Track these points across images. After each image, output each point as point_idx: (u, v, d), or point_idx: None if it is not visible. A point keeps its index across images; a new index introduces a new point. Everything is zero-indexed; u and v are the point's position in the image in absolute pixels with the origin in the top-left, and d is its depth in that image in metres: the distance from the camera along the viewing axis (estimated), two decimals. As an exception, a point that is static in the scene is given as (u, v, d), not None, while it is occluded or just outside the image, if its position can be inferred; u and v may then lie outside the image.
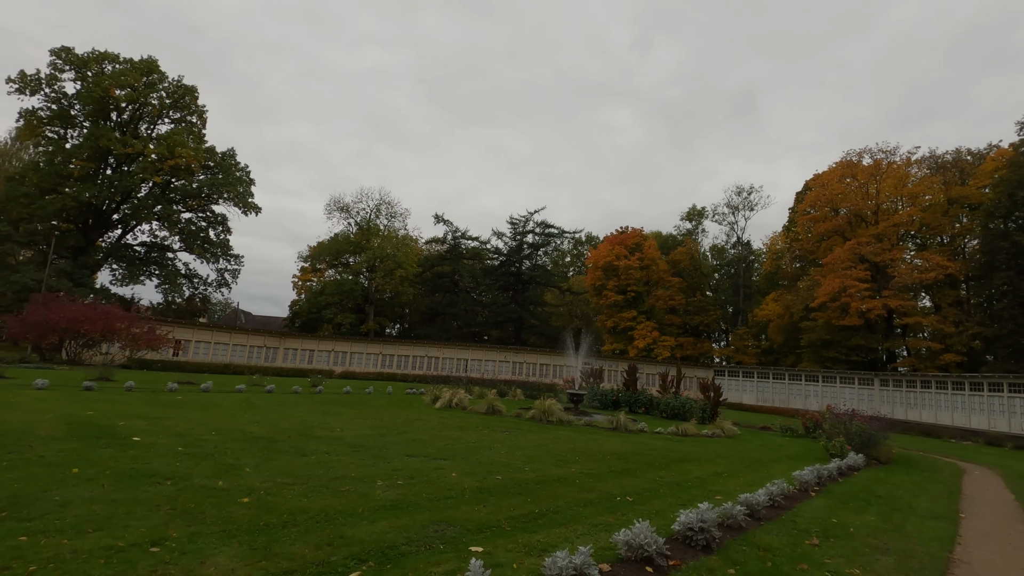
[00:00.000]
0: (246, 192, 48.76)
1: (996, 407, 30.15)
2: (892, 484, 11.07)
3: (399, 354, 47.92)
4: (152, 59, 44.92)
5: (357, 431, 10.93)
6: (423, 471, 7.50)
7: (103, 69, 43.83)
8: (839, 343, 44.18)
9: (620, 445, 12.74)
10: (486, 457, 9.18)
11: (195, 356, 39.95)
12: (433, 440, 10.60)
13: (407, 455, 8.67)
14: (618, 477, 8.77)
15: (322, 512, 5.10)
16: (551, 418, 15.82)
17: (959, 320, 40.69)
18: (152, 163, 42.49)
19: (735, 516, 6.11)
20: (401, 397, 22.05)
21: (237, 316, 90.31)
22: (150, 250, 48.18)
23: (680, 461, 11.32)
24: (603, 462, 10.08)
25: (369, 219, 59.07)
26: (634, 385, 26.32)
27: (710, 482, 9.29)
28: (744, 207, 59.67)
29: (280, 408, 14.18)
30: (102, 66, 44.05)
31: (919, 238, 49.27)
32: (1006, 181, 38.82)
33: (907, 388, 36.14)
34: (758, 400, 44.80)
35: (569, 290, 69.22)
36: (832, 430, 15.85)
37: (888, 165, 45.82)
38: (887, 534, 6.82)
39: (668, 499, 7.50)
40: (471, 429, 12.84)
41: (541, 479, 7.82)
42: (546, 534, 5.13)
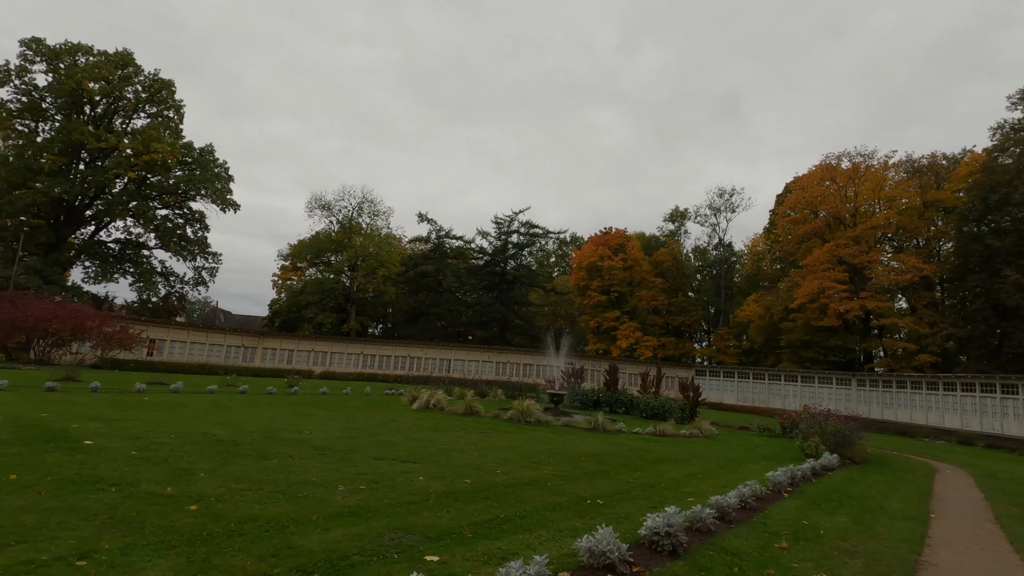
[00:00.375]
0: (224, 189, 47.82)
1: (968, 407, 30.75)
2: (865, 484, 11.11)
3: (381, 354, 47.45)
4: (127, 52, 43.83)
5: (326, 433, 10.65)
6: (389, 475, 7.28)
7: (76, 61, 42.63)
8: (818, 344, 44.77)
9: (597, 446, 12.62)
10: (457, 460, 8.98)
11: (170, 356, 39.12)
12: (405, 442, 10.37)
13: (375, 458, 8.44)
14: (591, 479, 8.64)
15: (274, 520, 4.87)
16: (529, 419, 15.67)
17: (934, 321, 41.48)
18: (126, 158, 41.44)
19: (704, 520, 6.00)
20: (379, 398, 21.73)
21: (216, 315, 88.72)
22: (124, 247, 46.99)
23: (656, 462, 11.23)
24: (577, 463, 9.95)
25: (351, 217, 58.42)
26: (615, 385, 26.29)
27: (684, 483, 9.20)
28: (726, 209, 60.29)
29: (250, 409, 13.81)
30: (75, 58, 42.85)
31: (896, 240, 50.16)
32: (979, 185, 39.67)
33: (883, 388, 36.73)
34: (739, 400, 45.20)
35: (553, 290, 69.21)
36: (808, 430, 15.94)
37: (866, 169, 46.57)
38: (857, 536, 6.77)
39: (639, 502, 7.38)
40: (446, 431, 12.63)
41: (512, 482, 7.65)
42: (509, 541, 4.96)
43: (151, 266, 47.60)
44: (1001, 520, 8.82)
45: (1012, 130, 39.50)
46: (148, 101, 46.02)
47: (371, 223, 59.24)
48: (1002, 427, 28.68)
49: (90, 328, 30.50)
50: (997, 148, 40.63)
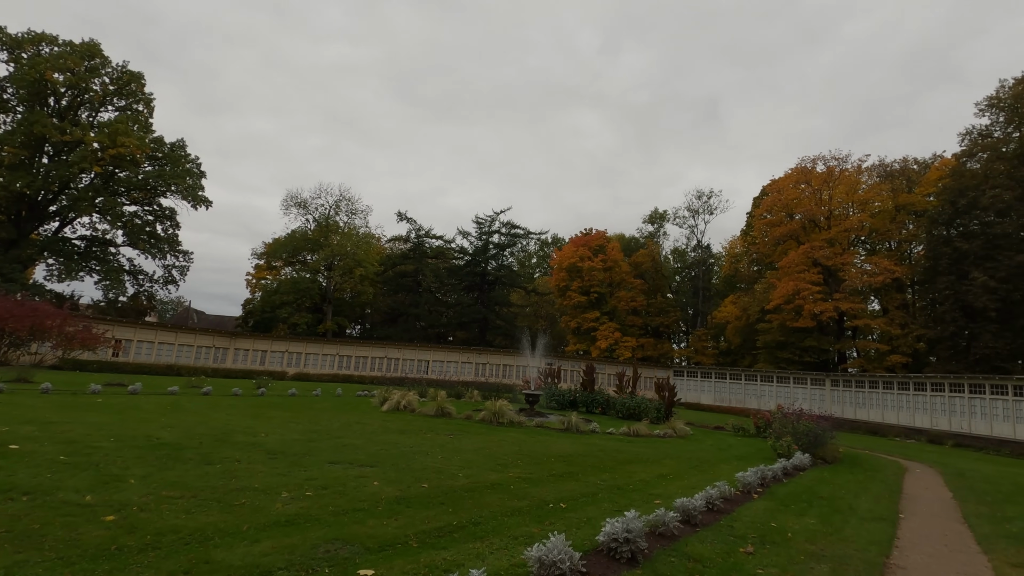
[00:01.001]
0: (196, 185, 46.57)
1: (938, 406, 31.28)
2: (836, 484, 11.01)
3: (357, 355, 46.66)
4: (94, 42, 42.42)
5: (284, 436, 10.18)
6: (341, 480, 6.88)
7: (40, 51, 41.13)
8: (793, 344, 45.28)
9: (568, 447, 12.35)
10: (419, 463, 8.60)
11: (137, 357, 37.87)
12: (367, 445, 9.95)
13: (330, 462, 8.02)
14: (558, 481, 8.34)
15: (198, 531, 4.45)
16: (502, 419, 15.33)
17: (905, 323, 42.24)
18: (92, 152, 40.05)
19: (667, 524, 5.73)
20: (350, 400, 21.17)
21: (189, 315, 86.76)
22: (91, 245, 45.45)
23: (626, 463, 10.99)
24: (546, 465, 9.65)
25: (328, 216, 57.41)
26: (592, 385, 26.10)
27: (653, 485, 8.96)
28: (704, 211, 60.78)
29: (208, 411, 13.23)
30: (38, 48, 41.32)
31: (869, 243, 51.05)
32: (949, 190, 40.47)
33: (856, 388, 37.23)
34: (716, 400, 45.48)
35: (535, 291, 69.02)
36: (781, 430, 15.89)
37: (840, 172, 47.29)
38: (826, 538, 6.58)
39: (605, 504, 7.10)
40: (413, 433, 12.23)
41: (472, 486, 7.30)
42: (457, 550, 4.62)
43: (119, 264, 46.11)
44: (969, 520, 8.76)
45: (980, 136, 40.41)
46: (116, 94, 44.61)
47: (349, 222, 58.35)
48: (970, 426, 29.23)
49: (50, 328, 29.25)
50: (966, 153, 41.53)
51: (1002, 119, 39.34)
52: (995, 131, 39.85)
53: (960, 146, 42.39)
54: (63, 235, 44.36)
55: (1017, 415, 27.21)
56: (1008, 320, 34.99)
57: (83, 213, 42.45)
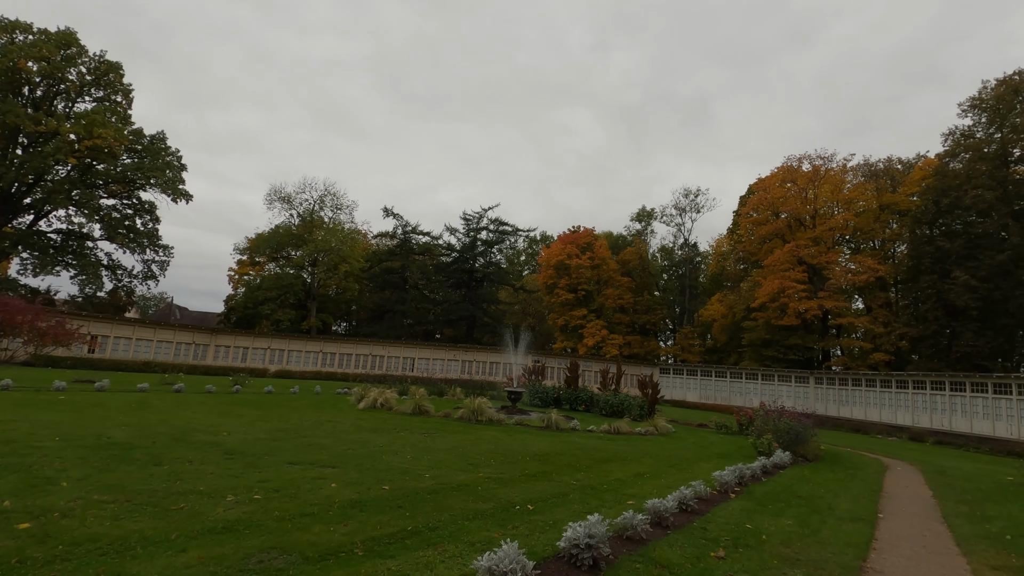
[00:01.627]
0: (176, 178, 45.62)
1: (920, 404, 31.50)
2: (816, 483, 10.84)
3: (341, 352, 46.05)
4: (70, 31, 41.31)
5: (247, 435, 9.77)
6: (297, 482, 6.52)
7: (13, 39, 39.99)
8: (778, 342, 45.46)
9: (546, 445, 12.06)
10: (385, 463, 8.26)
11: (114, 353, 36.99)
12: (334, 444, 9.58)
13: (290, 463, 7.64)
14: (530, 481, 8.04)
15: (120, 540, 4.08)
16: (481, 418, 15.01)
17: (888, 321, 42.56)
18: (68, 143, 39.02)
19: (636, 527, 5.45)
20: (328, 397, 20.72)
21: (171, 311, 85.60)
22: (67, 238, 44.36)
23: (604, 461, 10.73)
24: (520, 464, 9.35)
25: (312, 211, 56.59)
26: (576, 382, 25.88)
27: (629, 484, 8.70)
28: (691, 209, 60.83)
29: (174, 409, 12.76)
30: (12, 36, 40.19)
31: (853, 242, 51.37)
32: (932, 189, 40.79)
33: (839, 386, 37.42)
34: (701, 398, 45.55)
35: (523, 288, 68.71)
36: (762, 428, 15.76)
37: (826, 172, 47.50)
38: (801, 541, 6.35)
39: (575, 506, 6.81)
40: (387, 432, 11.86)
41: (437, 487, 6.98)
42: (405, 559, 4.30)
43: (96, 258, 45.07)
44: (949, 520, 8.60)
45: (962, 136, 40.76)
46: (94, 84, 43.52)
47: (334, 217, 57.55)
48: (951, 424, 29.45)
49: (20, 323, 28.35)
50: (948, 154, 41.88)
51: (984, 120, 39.69)
52: (977, 132, 40.20)
53: (943, 146, 42.76)
54: (38, 228, 43.24)
55: (996, 413, 27.44)
56: (989, 319, 35.31)
57: (59, 206, 41.37)
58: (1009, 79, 37.61)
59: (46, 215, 43.39)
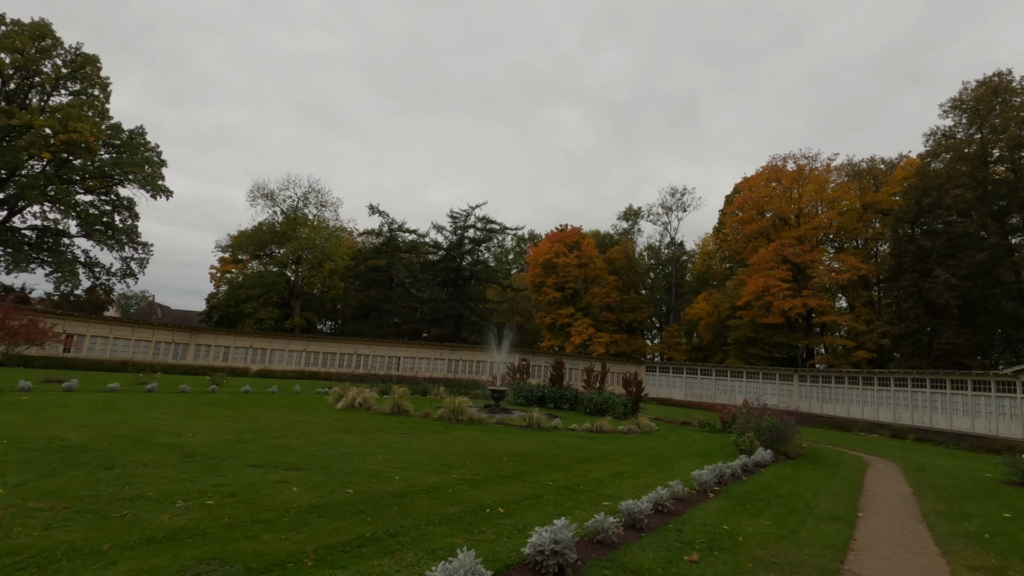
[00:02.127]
0: (155, 173, 44.73)
1: (901, 401, 31.80)
2: (796, 481, 10.74)
3: (325, 351, 45.47)
4: (45, 21, 40.28)
5: (213, 436, 9.42)
6: (255, 485, 6.22)
7: (-13, 30, 38.90)
8: (763, 340, 45.72)
9: (526, 445, 11.83)
10: (354, 465, 7.97)
11: (90, 353, 36.15)
12: (304, 446, 9.27)
13: (252, 465, 7.33)
14: (504, 483, 7.80)
15: (46, 552, 3.78)
16: (461, 417, 14.75)
17: (870, 319, 42.97)
18: (42, 137, 38.03)
19: (607, 530, 5.23)
20: (307, 397, 20.30)
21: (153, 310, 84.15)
22: (43, 235, 43.31)
23: (583, 461, 10.53)
24: (495, 465, 9.11)
25: (296, 207, 55.83)
26: (560, 381, 25.70)
27: (606, 484, 8.50)
28: (677, 208, 60.97)
29: (142, 409, 12.33)
30: (-16, 26, 39.11)
31: (837, 241, 51.84)
32: (914, 189, 41.23)
33: (823, 384, 37.69)
34: (687, 396, 45.68)
35: (510, 287, 68.45)
36: (744, 425, 15.69)
37: (810, 171, 47.85)
38: (779, 542, 6.19)
39: (548, 508, 6.58)
40: (362, 432, 11.56)
41: (406, 490, 6.71)
42: (357, 568, 4.04)
43: (73, 256, 44.06)
44: (928, 518, 8.52)
45: (943, 137, 41.24)
46: (69, 77, 42.52)
47: (318, 214, 56.84)
48: (931, 421, 29.75)
49: (-9, 322, 27.67)
50: (930, 154, 42.37)
51: (964, 120, 40.16)
52: (958, 132, 40.68)
53: (925, 147, 43.24)
54: (12, 225, 42.14)
55: (975, 410, 27.75)
56: (968, 317, 35.77)
57: (33, 201, 40.34)
58: (989, 80, 38.09)
59: (20, 211, 42.31)
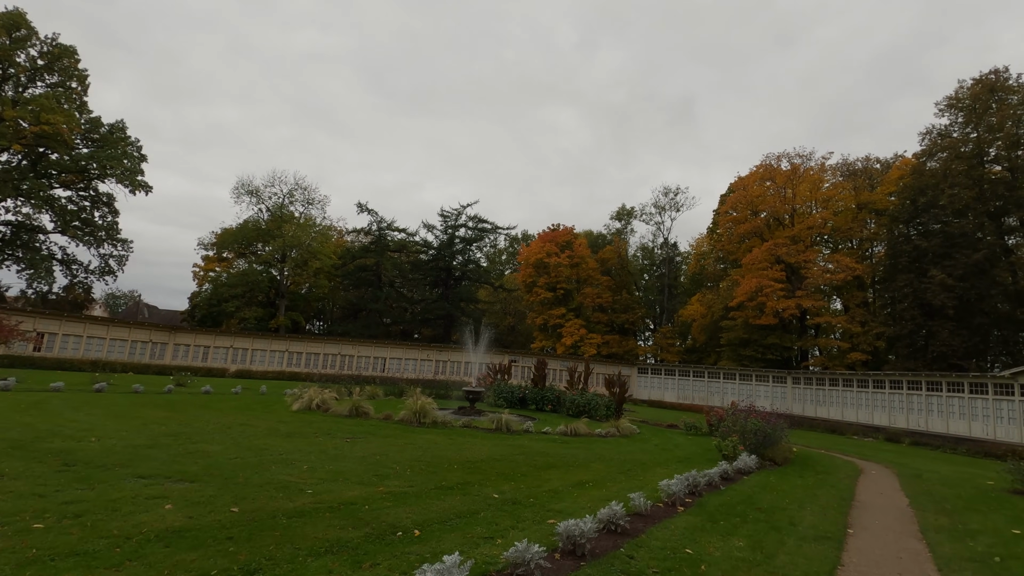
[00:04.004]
0: (134, 168, 43.50)
1: (896, 404, 30.88)
2: (781, 491, 9.72)
3: (309, 352, 44.32)
4: (19, 11, 39.07)
5: (121, 441, 8.36)
6: (119, 503, 5.17)
7: (-43, 20, 37.75)
8: (756, 342, 44.79)
9: (487, 450, 10.80)
10: (266, 476, 6.91)
11: (62, 352, 34.92)
12: (223, 452, 8.21)
13: (140, 476, 6.27)
14: (439, 497, 6.77)
15: None
16: (424, 419, 13.70)
17: (865, 320, 42.10)
18: (13, 129, 36.88)
19: (529, 563, 4.20)
20: (267, 398, 19.12)
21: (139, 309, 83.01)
22: (18, 231, 42.09)
23: (545, 468, 9.50)
24: (440, 474, 8.07)
25: (282, 205, 54.68)
26: (543, 381, 24.67)
27: (562, 496, 7.46)
28: (671, 207, 60.01)
29: (67, 411, 11.25)
30: (-44, 16, 37.96)
31: (831, 241, 51.02)
32: (909, 188, 40.42)
33: (816, 386, 36.77)
34: (679, 398, 44.72)
35: (502, 287, 67.41)
36: (730, 428, 14.71)
37: (804, 170, 47.04)
38: (751, 570, 5.17)
39: (478, 528, 5.55)
40: (305, 436, 10.50)
41: (308, 508, 5.67)
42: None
43: (49, 252, 42.84)
44: (928, 535, 7.51)
45: (939, 136, 40.43)
46: (46, 69, 41.33)
47: (305, 212, 55.74)
48: (927, 424, 28.84)
49: (-50, 319, 26.55)
50: (925, 153, 41.58)
51: (960, 119, 39.37)
52: (954, 131, 39.88)
53: (920, 145, 42.44)
54: (-17, 220, 40.92)
55: (972, 413, 26.84)
56: (965, 318, 34.90)
57: (5, 196, 39.13)
58: (985, 78, 37.32)
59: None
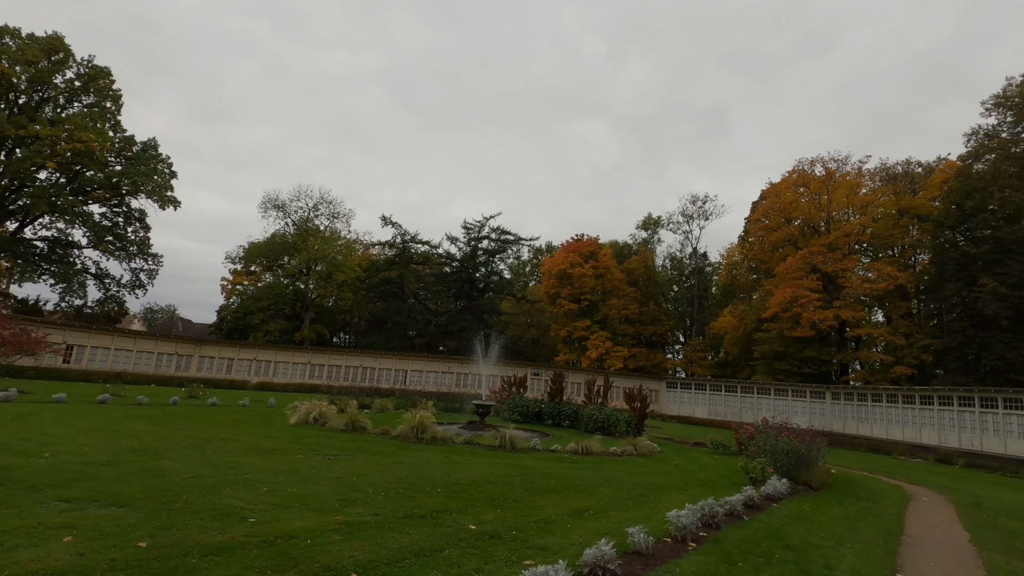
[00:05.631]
0: (164, 184, 44.56)
1: (946, 422, 28.54)
2: (815, 523, 8.45)
3: (331, 364, 44.19)
4: (58, 35, 40.72)
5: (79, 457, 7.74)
6: (11, 532, 4.43)
7: (4, 44, 39.52)
8: (791, 355, 42.52)
9: (481, 471, 9.84)
10: (211, 500, 6.12)
11: (90, 364, 35.52)
12: (184, 470, 7.51)
13: (65, 499, 5.56)
14: (404, 528, 5.86)
15: None
16: (423, 435, 12.83)
17: (910, 332, 39.50)
18: (48, 147, 38.15)
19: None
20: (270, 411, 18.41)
21: (174, 323, 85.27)
22: (54, 246, 43.51)
23: (543, 492, 8.49)
24: (417, 500, 7.16)
25: (307, 218, 55.25)
26: (560, 395, 23.53)
27: (552, 528, 6.46)
28: (699, 216, 58.13)
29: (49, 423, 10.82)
30: (2, 41, 39.74)
31: (871, 249, 48.44)
32: (955, 192, 38.04)
33: (858, 402, 34.49)
34: (710, 414, 42.81)
35: (524, 298, 66.50)
36: (760, 448, 13.36)
37: (840, 175, 44.87)
38: (770, 635, 4.10)
39: (432, 573, 4.62)
40: (283, 453, 9.75)
41: (239, 542, 4.83)
42: None
43: (83, 266, 44.12)
44: (995, 585, 6.22)
45: (986, 136, 38.00)
46: (82, 90, 42.93)
47: (329, 225, 56.21)
48: (982, 443, 26.47)
49: (-22, 331, 27.13)
50: (971, 155, 39.16)
51: (1010, 118, 36.98)
52: (1002, 131, 37.47)
53: (965, 147, 40.02)
54: (23, 236, 42.39)
55: (1035, 432, 24.48)
56: (1021, 329, 32.28)
57: (41, 212, 40.49)
58: (1037, 72, 34.88)
59: (31, 221, 42.60)
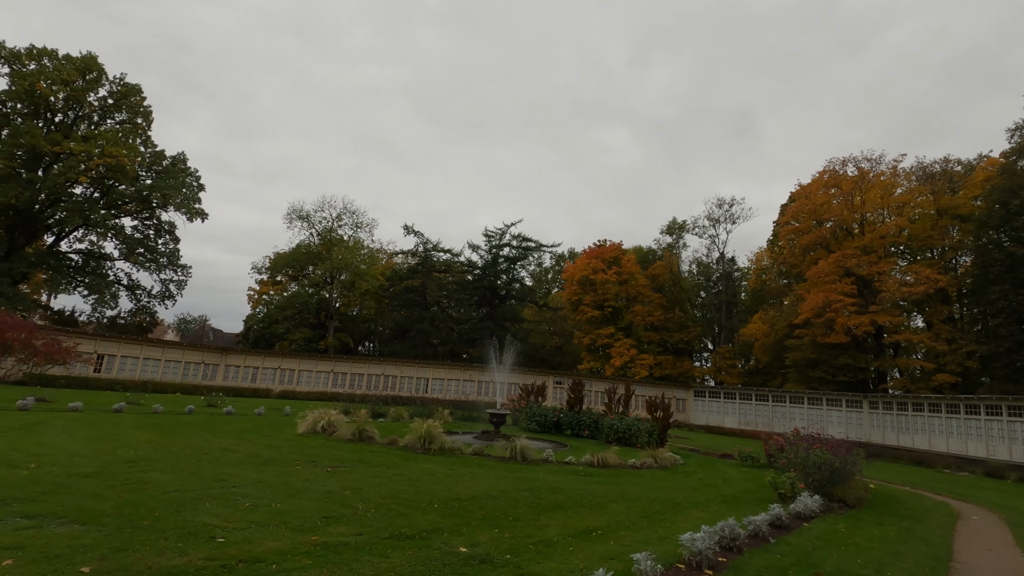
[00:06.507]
0: (192, 197, 45.66)
1: (995, 432, 26.74)
2: (851, 547, 7.65)
3: (353, 372, 44.31)
4: (91, 55, 42.18)
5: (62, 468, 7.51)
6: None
7: (43, 65, 41.19)
8: (825, 362, 40.76)
9: (485, 485, 9.31)
10: (183, 517, 5.74)
11: (120, 373, 36.29)
12: (168, 483, 7.19)
13: (27, 515, 5.24)
14: (385, 551, 5.37)
15: None
16: (431, 446, 12.38)
17: (952, 338, 37.46)
18: (81, 162, 39.43)
19: None
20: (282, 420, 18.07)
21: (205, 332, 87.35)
22: (88, 258, 44.92)
23: (550, 509, 7.91)
24: (407, 518, 6.68)
25: (331, 228, 55.88)
26: (579, 404, 22.83)
27: (553, 551, 5.89)
28: (726, 220, 56.65)
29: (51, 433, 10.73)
30: (40, 62, 41.42)
31: (908, 251, 46.31)
32: (999, 189, 36.12)
33: (898, 411, 32.74)
34: (740, 424, 41.35)
35: (546, 306, 65.83)
36: (789, 460, 12.48)
37: (874, 175, 43.10)
38: None
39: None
40: (279, 464, 9.40)
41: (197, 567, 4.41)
42: None
43: (115, 278, 45.39)
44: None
45: (1031, 130, 36.07)
46: (115, 108, 44.35)
47: (353, 235, 56.75)
48: (1036, 457, 24.67)
49: (12, 340, 27.88)
50: (1015, 151, 37.20)
51: (1058, 110, 34.93)
52: (1050, 124, 35.48)
53: (1009, 143, 38.10)
54: (56, 249, 43.87)
55: (1096, 445, 22.65)
56: (1076, 333, 30.21)
57: (75, 226, 41.86)
58: (1087, 59, 32.88)
59: (67, 235, 44.07)
